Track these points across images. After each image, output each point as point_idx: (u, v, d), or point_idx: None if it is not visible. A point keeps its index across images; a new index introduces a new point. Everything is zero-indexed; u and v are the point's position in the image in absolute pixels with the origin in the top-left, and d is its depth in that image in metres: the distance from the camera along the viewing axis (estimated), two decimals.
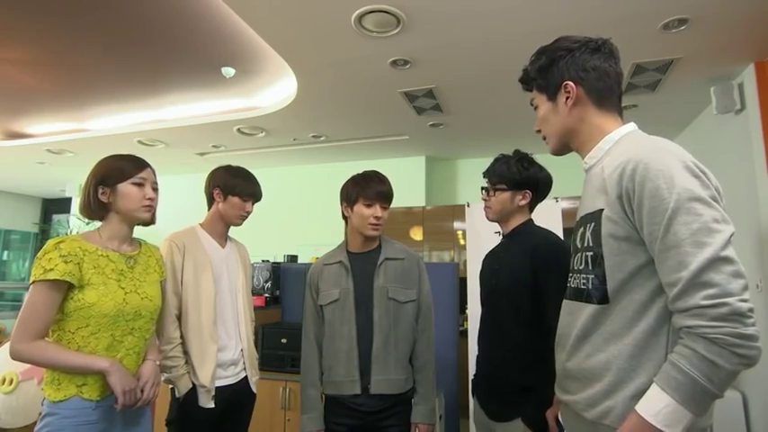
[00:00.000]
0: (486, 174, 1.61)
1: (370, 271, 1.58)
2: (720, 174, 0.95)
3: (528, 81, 1.11)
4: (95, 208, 1.29)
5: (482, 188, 1.62)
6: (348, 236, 1.66)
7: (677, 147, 0.91)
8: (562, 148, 1.09)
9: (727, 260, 0.79)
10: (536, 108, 1.11)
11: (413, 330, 1.60)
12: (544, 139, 1.11)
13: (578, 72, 1.03)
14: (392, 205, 1.67)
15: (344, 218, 1.65)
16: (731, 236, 0.81)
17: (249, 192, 1.73)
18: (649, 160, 0.87)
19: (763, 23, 2.10)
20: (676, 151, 0.89)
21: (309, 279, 1.66)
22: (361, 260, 1.61)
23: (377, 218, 1.56)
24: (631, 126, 1.03)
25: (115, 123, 4.03)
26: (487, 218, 1.63)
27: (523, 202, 1.54)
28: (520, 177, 1.53)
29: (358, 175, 1.65)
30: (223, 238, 1.77)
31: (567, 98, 1.02)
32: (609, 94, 1.04)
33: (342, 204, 1.62)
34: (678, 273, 0.81)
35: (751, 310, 0.77)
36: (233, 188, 1.69)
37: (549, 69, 1.05)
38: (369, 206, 1.56)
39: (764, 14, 2.02)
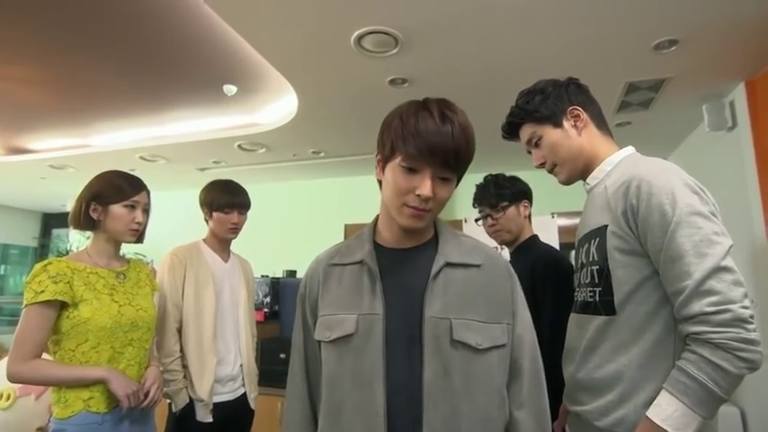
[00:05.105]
0: (483, 200, 1.63)
1: (416, 283, 0.87)
2: (714, 190, 1.00)
3: (524, 117, 1.16)
4: (84, 222, 1.34)
5: (485, 216, 1.63)
6: (381, 216, 0.96)
7: (676, 167, 0.98)
8: (576, 174, 1.13)
9: (728, 269, 0.84)
10: (536, 144, 1.14)
11: (501, 403, 0.85)
12: (552, 170, 1.15)
13: (579, 99, 1.10)
14: None
15: (379, 183, 0.94)
16: (730, 247, 0.87)
17: (227, 203, 1.71)
18: (652, 178, 0.93)
19: (750, 44, 2.16)
20: (676, 170, 0.96)
21: (303, 290, 0.98)
22: (400, 262, 0.90)
23: (420, 196, 0.82)
24: (630, 149, 1.11)
25: (117, 139, 4.08)
26: (502, 241, 1.63)
27: (527, 212, 1.60)
28: (515, 189, 1.59)
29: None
30: (225, 253, 1.80)
31: (576, 121, 1.08)
32: (604, 120, 1.11)
33: (375, 158, 0.93)
34: (682, 282, 0.86)
35: (752, 316, 0.83)
36: (212, 203, 1.72)
37: (548, 100, 1.12)
38: (411, 170, 0.83)
39: (751, 36, 2.08)
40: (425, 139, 0.81)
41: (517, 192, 1.60)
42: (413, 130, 0.82)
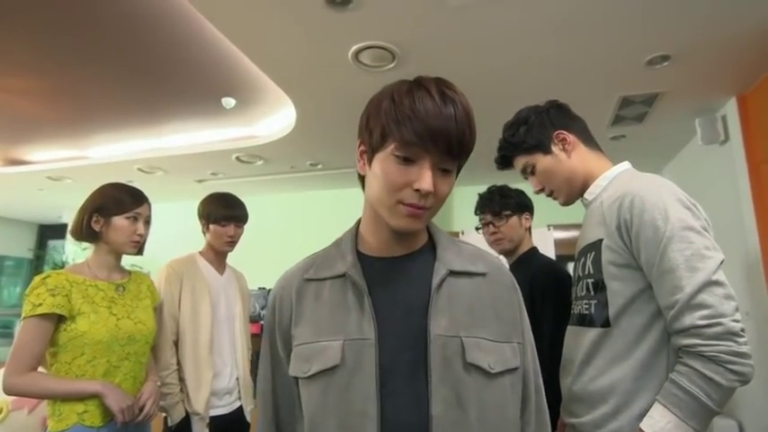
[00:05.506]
0: (485, 208, 1.66)
1: (414, 297, 0.73)
2: (708, 203, 1.02)
3: (513, 149, 1.19)
4: (86, 234, 1.35)
5: (486, 224, 1.65)
6: (364, 220, 0.82)
7: (669, 182, 1.01)
8: (574, 195, 1.16)
9: (719, 284, 0.86)
10: (531, 172, 1.18)
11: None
12: (550, 195, 1.18)
13: (561, 121, 1.12)
14: None
15: (360, 179, 0.81)
16: (721, 262, 0.89)
17: (224, 215, 1.70)
18: (645, 193, 0.95)
19: (741, 60, 2.20)
20: (669, 186, 0.98)
21: (272, 316, 0.80)
22: (391, 272, 0.76)
23: (420, 190, 0.68)
24: (626, 164, 1.13)
25: (116, 151, 4.09)
26: (502, 250, 1.65)
27: (528, 224, 1.63)
28: (519, 200, 1.62)
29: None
30: (221, 266, 1.80)
31: (564, 145, 1.11)
32: (590, 135, 1.14)
33: (357, 150, 0.78)
34: (674, 296, 0.87)
35: (743, 329, 0.84)
36: (209, 216, 1.72)
37: (532, 130, 1.15)
38: (406, 160, 0.69)
39: (742, 52, 2.12)
40: (425, 123, 0.67)
41: (521, 203, 1.63)
42: (409, 112, 0.68)
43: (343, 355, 0.69)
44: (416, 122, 0.67)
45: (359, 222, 0.83)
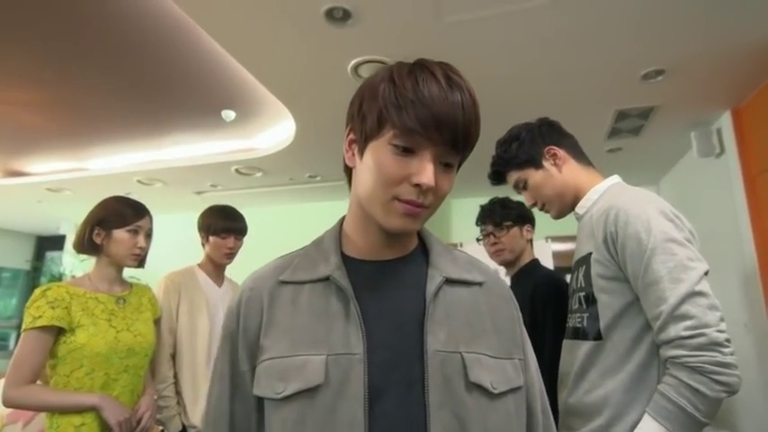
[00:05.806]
0: (487, 218, 1.67)
1: (407, 307, 0.65)
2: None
3: (505, 165, 1.22)
4: (87, 246, 1.36)
5: (487, 234, 1.66)
6: (350, 218, 0.75)
7: (655, 196, 1.03)
8: (566, 208, 1.19)
9: (702, 294, 0.87)
10: (523, 186, 1.20)
11: None
12: (542, 208, 1.20)
13: (552, 138, 1.15)
14: None
15: (347, 171, 0.79)
16: (705, 272, 0.90)
17: (223, 227, 1.72)
18: (629, 207, 0.97)
19: (734, 74, 2.24)
20: (653, 199, 1.00)
21: (234, 323, 0.68)
22: (381, 278, 0.68)
23: (420, 185, 0.61)
24: (616, 178, 1.16)
25: (115, 162, 4.11)
26: (503, 261, 1.65)
27: (529, 236, 1.64)
28: (520, 211, 1.63)
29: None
30: (219, 278, 1.80)
31: (555, 160, 1.13)
32: (581, 150, 1.17)
33: (346, 139, 0.76)
34: (659, 307, 0.88)
35: (728, 340, 0.84)
36: (209, 228, 1.74)
37: (524, 146, 1.18)
38: (406, 150, 0.61)
39: (735, 66, 2.16)
40: (430, 109, 0.59)
41: (522, 214, 1.65)
42: (412, 96, 0.59)
43: (327, 372, 0.58)
44: (420, 108, 0.59)
45: (342, 221, 0.75)
